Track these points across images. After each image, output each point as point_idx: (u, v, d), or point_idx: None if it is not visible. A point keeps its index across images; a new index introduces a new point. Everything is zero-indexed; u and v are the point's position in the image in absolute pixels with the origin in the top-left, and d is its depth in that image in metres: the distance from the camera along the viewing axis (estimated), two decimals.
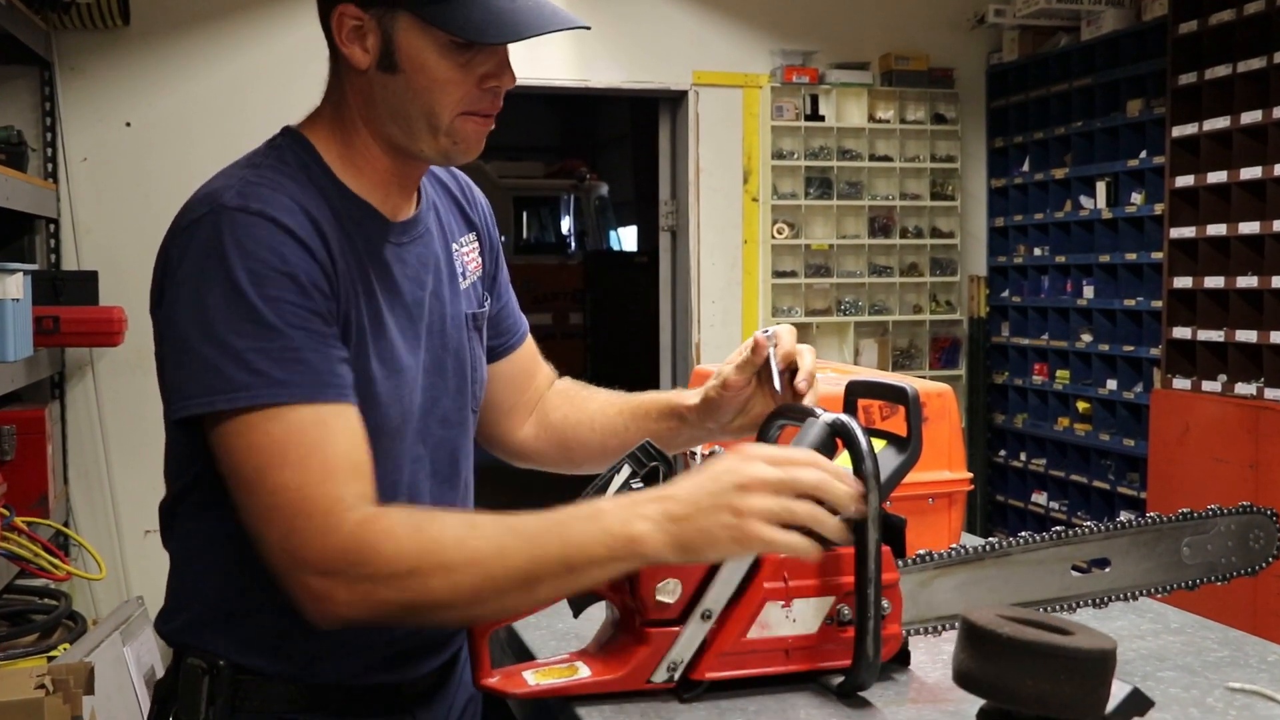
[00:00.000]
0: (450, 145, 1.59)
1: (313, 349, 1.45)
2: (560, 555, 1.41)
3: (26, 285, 3.92)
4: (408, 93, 1.54)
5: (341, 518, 1.41)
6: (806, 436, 1.57)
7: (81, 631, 3.84)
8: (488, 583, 1.41)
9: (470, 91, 1.56)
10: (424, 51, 1.52)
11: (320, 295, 1.48)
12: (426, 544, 1.41)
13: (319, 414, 1.44)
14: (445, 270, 1.72)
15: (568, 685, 1.53)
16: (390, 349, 1.59)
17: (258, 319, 1.43)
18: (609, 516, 1.42)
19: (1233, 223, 4.95)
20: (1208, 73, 5.11)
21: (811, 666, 1.58)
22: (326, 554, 1.40)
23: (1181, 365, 5.27)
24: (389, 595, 1.41)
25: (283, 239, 1.47)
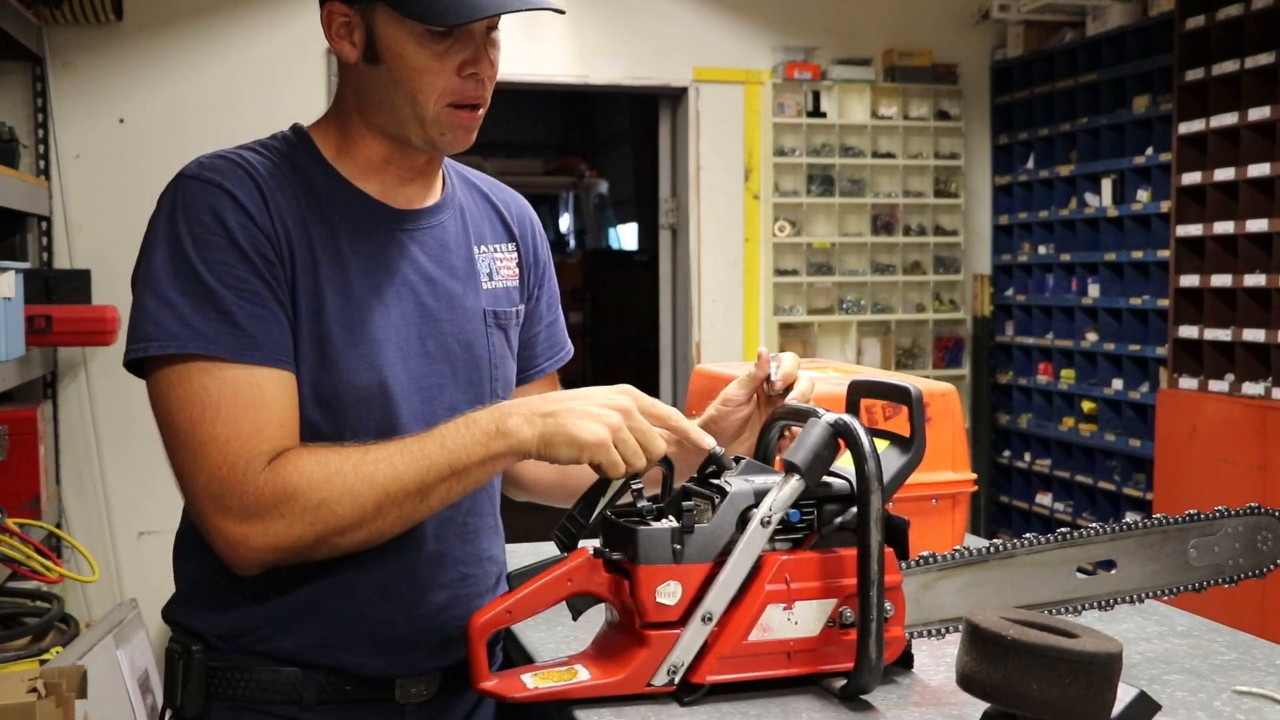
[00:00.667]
0: (438, 136, 1.66)
1: (247, 312, 1.55)
2: (446, 462, 1.54)
3: (18, 284, 3.91)
4: (391, 82, 1.63)
5: (259, 468, 1.52)
6: (809, 436, 1.57)
7: (74, 634, 3.82)
8: (386, 499, 1.53)
9: (450, 81, 1.63)
10: (401, 41, 1.61)
11: (262, 260, 1.57)
12: (332, 475, 1.52)
13: (252, 375, 1.55)
14: (462, 266, 1.79)
15: (567, 689, 1.54)
16: (359, 317, 1.65)
17: (196, 278, 1.54)
18: (482, 419, 1.56)
19: (1240, 220, 4.93)
20: (1215, 68, 5.09)
21: (813, 669, 1.59)
22: (246, 501, 1.51)
23: (1188, 365, 5.25)
24: (303, 530, 1.52)
25: (226, 204, 1.57)
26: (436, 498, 1.56)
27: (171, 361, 1.54)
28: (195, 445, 1.52)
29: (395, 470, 1.53)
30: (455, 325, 1.75)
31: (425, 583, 1.71)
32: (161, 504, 5.18)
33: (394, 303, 1.69)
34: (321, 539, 1.53)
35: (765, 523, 1.54)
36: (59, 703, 2.97)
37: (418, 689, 1.72)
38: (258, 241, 1.58)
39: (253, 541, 1.52)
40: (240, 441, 1.52)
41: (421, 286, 1.72)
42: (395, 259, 1.71)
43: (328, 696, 1.67)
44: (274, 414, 1.55)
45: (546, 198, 11.64)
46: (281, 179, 1.64)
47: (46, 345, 4.69)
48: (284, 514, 1.51)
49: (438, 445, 1.54)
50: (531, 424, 1.54)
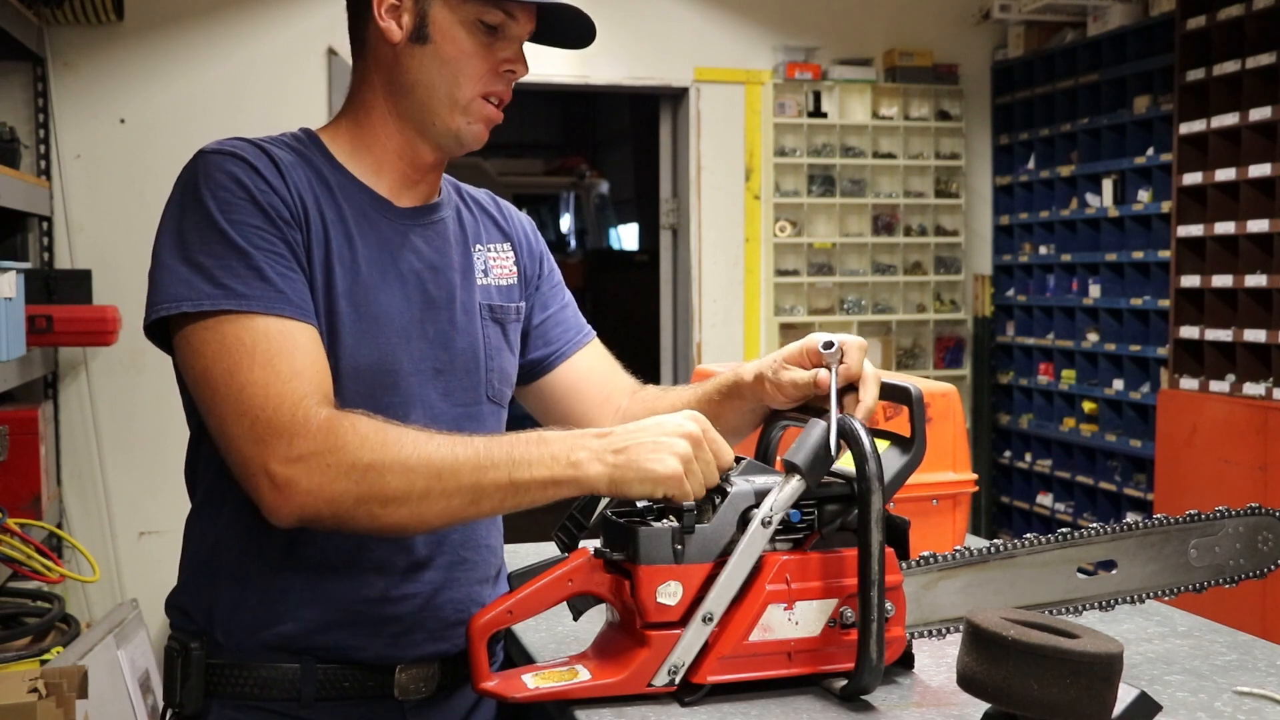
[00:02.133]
0: (464, 125, 1.73)
1: (275, 269, 1.58)
2: (508, 471, 1.52)
3: (19, 284, 3.91)
4: (435, 61, 1.69)
5: (310, 410, 1.51)
6: (809, 437, 1.58)
7: (75, 634, 3.82)
8: (437, 484, 1.51)
9: (490, 71, 1.71)
10: (455, 25, 1.69)
11: (284, 224, 1.62)
12: (389, 442, 1.52)
13: (283, 325, 1.57)
14: (460, 261, 1.82)
15: (568, 689, 1.54)
16: (365, 295, 1.68)
17: (226, 240, 1.57)
18: (555, 443, 1.55)
19: (1241, 220, 4.93)
20: (1216, 69, 5.08)
21: (814, 670, 1.59)
22: (295, 443, 1.50)
23: (1189, 365, 5.25)
24: (347, 486, 1.50)
25: (248, 173, 1.61)
26: (489, 503, 1.54)
27: (204, 318, 1.55)
28: (235, 391, 1.52)
29: (455, 459, 1.52)
30: (454, 314, 1.78)
31: (422, 561, 1.72)
32: (162, 504, 5.19)
33: (398, 286, 1.72)
34: (362, 502, 1.51)
35: (766, 523, 1.54)
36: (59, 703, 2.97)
37: (416, 684, 1.72)
38: (277, 207, 1.62)
39: (298, 484, 1.50)
40: (280, 383, 1.52)
41: (425, 274, 1.76)
42: (400, 247, 1.74)
43: (327, 693, 1.67)
44: (309, 360, 1.57)
45: (547, 198, 11.63)
46: (294, 162, 1.68)
47: (47, 345, 4.69)
48: (331, 464, 1.49)
49: (505, 452, 1.53)
50: (602, 461, 1.53)
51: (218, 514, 1.69)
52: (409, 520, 1.54)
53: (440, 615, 1.73)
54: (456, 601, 1.74)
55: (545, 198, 11.59)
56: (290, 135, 1.75)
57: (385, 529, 1.56)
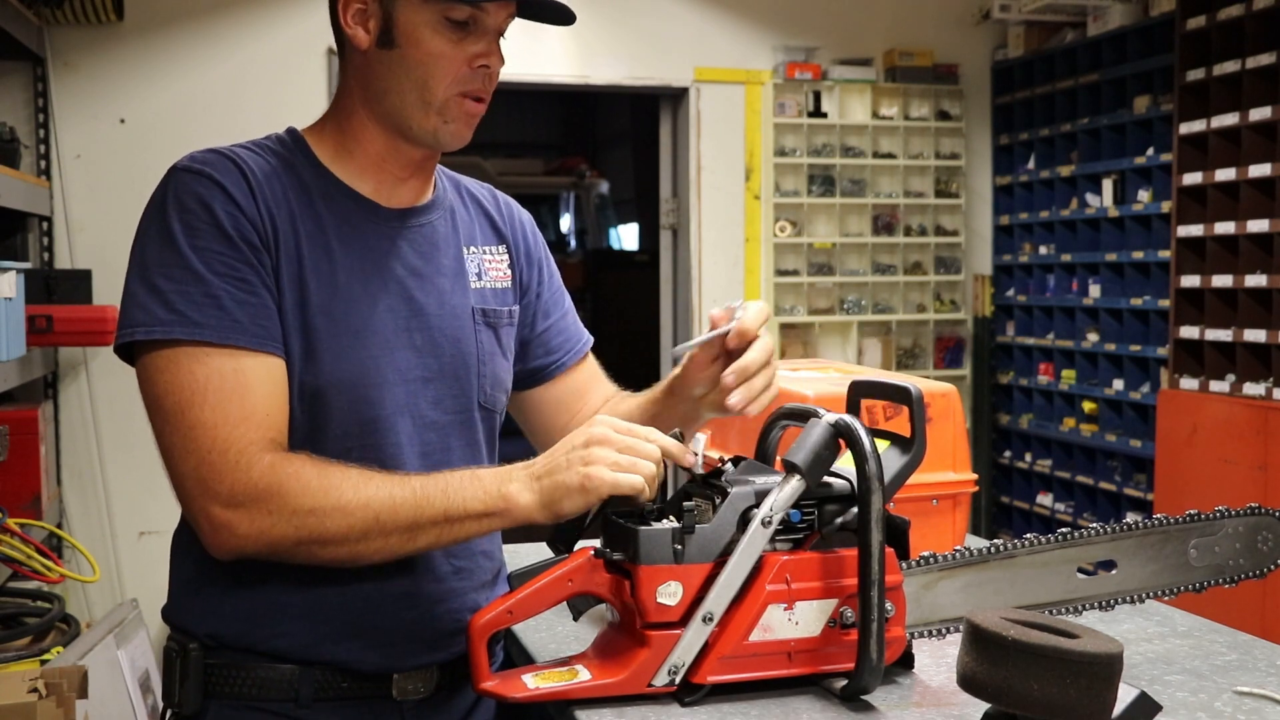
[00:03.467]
0: (440, 124, 1.69)
1: (234, 298, 1.58)
2: (443, 508, 1.55)
3: (19, 284, 3.91)
4: (403, 66, 1.66)
5: (253, 458, 1.53)
6: (809, 437, 1.57)
7: (75, 634, 3.82)
8: (375, 526, 1.54)
9: (461, 70, 1.67)
10: (420, 27, 1.65)
11: (249, 248, 1.60)
12: (330, 488, 1.54)
13: (238, 361, 1.57)
14: (451, 265, 1.80)
15: (568, 689, 1.54)
16: (345, 307, 1.67)
17: (185, 265, 1.57)
18: (486, 478, 1.57)
19: (1241, 221, 4.93)
20: (1216, 69, 5.08)
21: (814, 670, 1.59)
22: (235, 489, 1.52)
23: (1189, 365, 5.25)
24: (286, 531, 1.53)
25: (214, 193, 1.60)
26: (425, 539, 1.57)
27: (159, 346, 1.56)
28: (183, 430, 1.54)
29: (393, 500, 1.54)
30: (443, 320, 1.76)
31: (419, 575, 1.71)
32: (162, 504, 5.14)
33: (380, 295, 1.70)
34: (303, 544, 1.54)
35: (766, 523, 1.54)
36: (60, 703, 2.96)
37: (414, 685, 1.72)
38: (244, 229, 1.60)
39: (236, 529, 1.53)
40: (227, 427, 1.54)
41: (410, 281, 1.74)
42: (384, 254, 1.73)
43: (325, 694, 1.67)
44: (260, 401, 1.57)
45: (547, 198, 11.61)
46: (270, 173, 1.67)
47: (47, 345, 4.69)
48: (272, 510, 1.52)
49: (440, 490, 1.56)
50: (529, 489, 1.55)
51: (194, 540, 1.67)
52: (347, 558, 1.57)
53: (437, 626, 1.73)
54: (454, 612, 1.73)
55: (545, 198, 11.58)
56: (275, 138, 1.74)
57: (325, 565, 1.59)
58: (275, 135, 1.75)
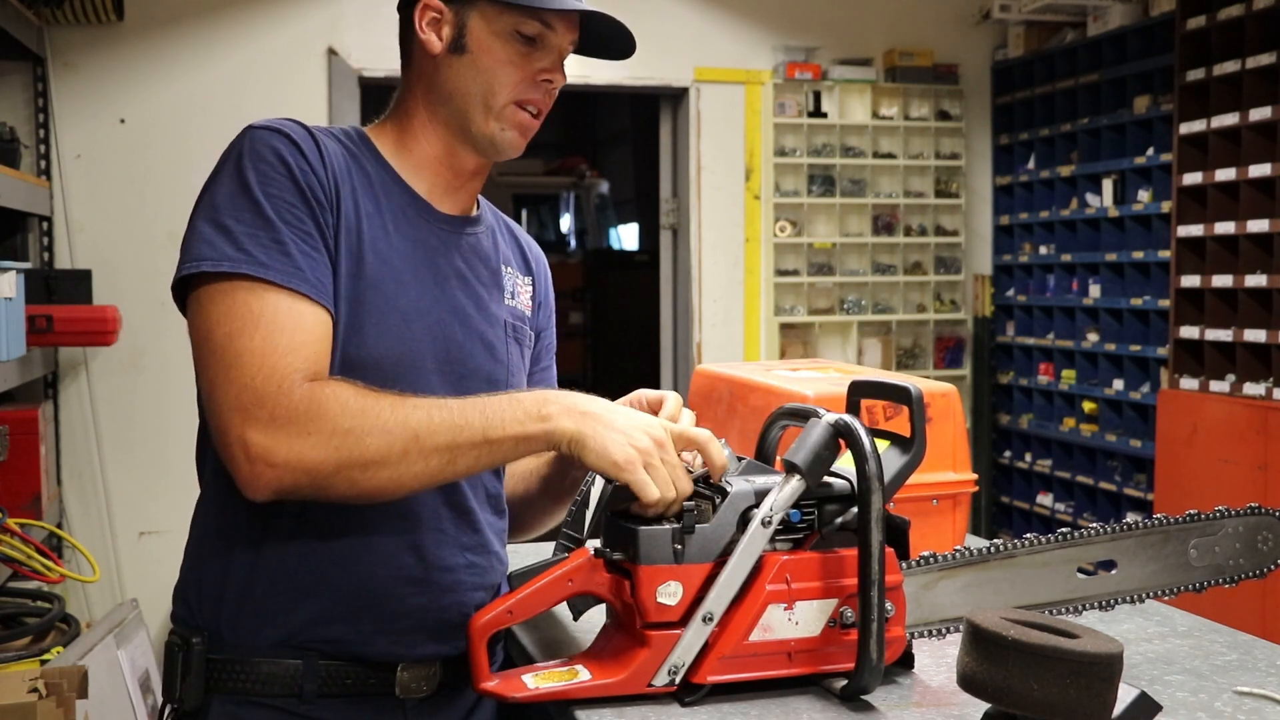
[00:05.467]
0: (498, 131, 1.76)
1: (299, 246, 1.61)
2: (481, 427, 1.56)
3: (19, 284, 3.91)
4: (471, 70, 1.74)
5: (295, 383, 1.54)
6: (809, 437, 1.57)
7: (75, 634, 3.82)
8: (414, 446, 1.54)
9: (526, 80, 1.75)
10: (492, 36, 1.73)
11: (317, 205, 1.65)
12: (368, 409, 1.55)
13: (294, 303, 1.59)
14: (490, 277, 1.86)
15: (568, 689, 1.54)
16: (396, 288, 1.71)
17: (256, 209, 1.61)
18: (525, 398, 1.60)
19: (1241, 220, 4.93)
20: (1216, 69, 5.08)
21: (814, 670, 1.59)
22: (276, 411, 1.53)
23: (1189, 365, 5.25)
24: (326, 453, 1.53)
25: (290, 150, 1.66)
26: (464, 462, 1.57)
27: (220, 279, 1.58)
28: (231, 356, 1.55)
29: (431, 421, 1.55)
30: (481, 325, 1.80)
31: (431, 560, 1.72)
32: (162, 504, 5.19)
33: (430, 285, 1.75)
34: (342, 467, 1.54)
35: (766, 523, 1.54)
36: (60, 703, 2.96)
37: (418, 683, 1.72)
38: (314, 187, 1.65)
39: (275, 455, 1.52)
40: (275, 356, 1.55)
41: (455, 282, 1.79)
42: (434, 251, 1.78)
43: (328, 689, 1.67)
44: (311, 339, 1.59)
45: (547, 198, 11.61)
46: (339, 150, 1.73)
47: (47, 345, 4.69)
48: (311, 432, 1.52)
49: (478, 411, 1.57)
50: (570, 417, 1.56)
51: (224, 498, 1.68)
52: (387, 484, 1.56)
53: (444, 617, 1.73)
54: (462, 604, 1.73)
55: (545, 198, 11.58)
56: (340, 129, 1.80)
57: (364, 494, 1.58)
58: (341, 127, 1.81)
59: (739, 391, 2.42)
